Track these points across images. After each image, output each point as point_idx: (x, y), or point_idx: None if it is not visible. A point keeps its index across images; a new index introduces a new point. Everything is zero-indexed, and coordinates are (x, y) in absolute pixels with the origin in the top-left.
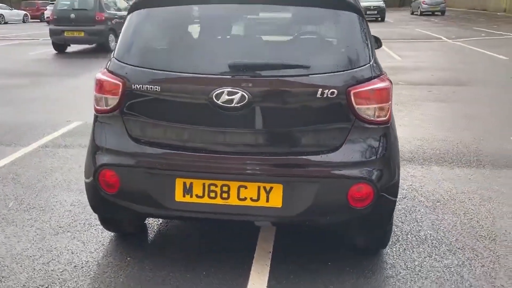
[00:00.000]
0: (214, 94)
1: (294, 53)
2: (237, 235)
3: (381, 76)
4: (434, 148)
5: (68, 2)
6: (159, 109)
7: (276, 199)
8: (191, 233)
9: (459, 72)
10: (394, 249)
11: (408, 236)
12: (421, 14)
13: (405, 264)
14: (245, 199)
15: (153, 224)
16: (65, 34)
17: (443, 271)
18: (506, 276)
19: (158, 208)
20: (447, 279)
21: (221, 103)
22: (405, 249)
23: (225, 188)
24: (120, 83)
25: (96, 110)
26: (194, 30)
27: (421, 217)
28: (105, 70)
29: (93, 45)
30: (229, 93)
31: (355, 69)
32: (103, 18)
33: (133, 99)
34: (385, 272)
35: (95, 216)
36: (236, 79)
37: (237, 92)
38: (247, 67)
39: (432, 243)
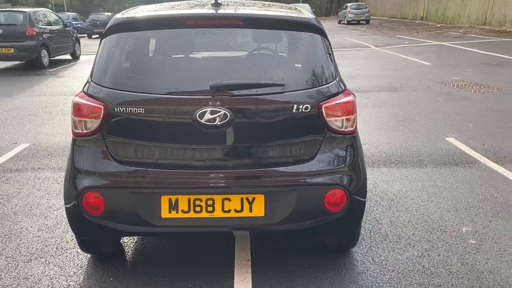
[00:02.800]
0: (197, 114)
1: (268, 72)
2: (214, 246)
3: (346, 91)
4: (380, 151)
5: None
6: (142, 130)
7: (258, 209)
8: (167, 247)
9: (391, 78)
10: (361, 247)
11: (371, 234)
12: (348, 23)
13: (373, 260)
14: (229, 211)
15: (128, 242)
16: None
17: (407, 262)
18: (459, 262)
19: (145, 226)
20: (411, 270)
21: (204, 122)
22: (370, 246)
23: (209, 202)
24: (102, 106)
25: (75, 134)
26: (169, 51)
27: (380, 215)
28: (83, 93)
29: (23, 62)
30: (212, 112)
31: (324, 86)
32: (34, 33)
33: (114, 121)
34: (357, 269)
35: (66, 239)
36: (218, 98)
37: (220, 111)
38: (227, 86)
39: (393, 238)
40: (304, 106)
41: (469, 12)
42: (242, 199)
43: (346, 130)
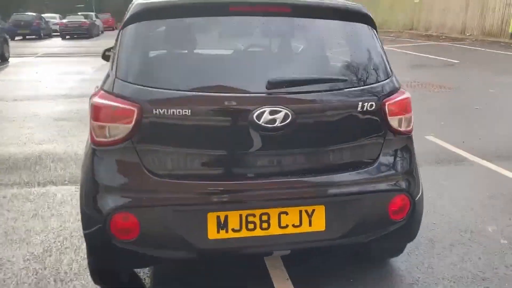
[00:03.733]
0: (255, 114)
1: (326, 66)
2: (244, 267)
3: (401, 88)
4: None
5: None
6: (186, 136)
7: (319, 222)
8: (190, 271)
9: None
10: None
11: None
12: None
13: (417, 268)
14: (286, 226)
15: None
16: None
17: (452, 269)
18: (502, 264)
19: (189, 250)
20: (460, 276)
21: (262, 124)
22: (408, 253)
23: (264, 217)
24: (135, 108)
25: (97, 143)
26: (211, 42)
27: None
28: (105, 93)
29: None
30: (272, 112)
31: (384, 81)
32: None
33: (150, 126)
34: (406, 279)
35: (63, 269)
36: (277, 96)
37: (280, 111)
38: (287, 82)
39: (426, 243)
40: (369, 103)
41: (396, 18)
42: (300, 211)
43: (404, 129)
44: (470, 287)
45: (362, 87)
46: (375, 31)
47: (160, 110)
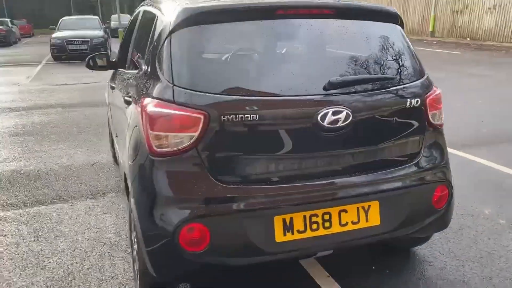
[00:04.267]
0: (319, 116)
1: (374, 66)
2: (279, 269)
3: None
4: None
5: None
6: (253, 140)
7: (374, 217)
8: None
9: None
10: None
11: None
12: None
13: (440, 253)
14: (346, 224)
15: None
16: None
17: (472, 250)
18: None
19: (257, 255)
20: (481, 257)
21: (326, 125)
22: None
23: (326, 217)
24: (201, 116)
25: (158, 153)
26: (263, 45)
27: None
28: (162, 101)
29: None
30: (334, 113)
31: (423, 78)
32: None
33: (218, 133)
34: (435, 264)
35: None
36: (338, 96)
37: (342, 111)
38: (347, 82)
39: None
40: (415, 100)
41: None
42: (358, 208)
43: (439, 123)
44: (493, 265)
45: (408, 84)
46: (403, 31)
47: (228, 116)
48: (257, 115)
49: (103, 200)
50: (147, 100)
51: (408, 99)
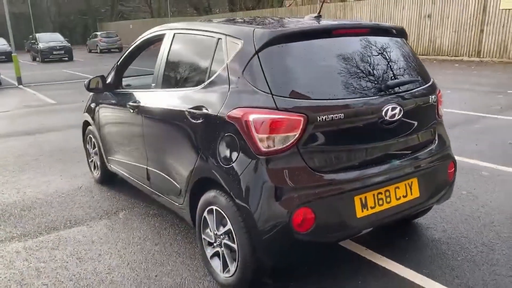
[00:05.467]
0: (383, 111)
1: (404, 71)
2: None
3: None
4: None
5: None
6: (339, 135)
7: (415, 190)
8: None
9: None
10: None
11: None
12: (101, 52)
13: (435, 220)
14: (399, 198)
15: None
16: None
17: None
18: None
19: (346, 230)
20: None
21: (389, 118)
22: None
23: (387, 193)
24: (301, 118)
25: (265, 153)
26: (328, 58)
27: None
28: (265, 109)
29: None
30: (393, 109)
31: (432, 79)
32: None
33: (313, 132)
34: (443, 225)
35: None
36: (394, 96)
37: (396, 107)
38: (397, 84)
39: None
40: (433, 96)
41: None
42: (405, 185)
43: (441, 114)
44: (474, 223)
45: (427, 85)
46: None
47: (322, 117)
48: (343, 114)
49: (119, 218)
50: (245, 110)
51: (430, 96)
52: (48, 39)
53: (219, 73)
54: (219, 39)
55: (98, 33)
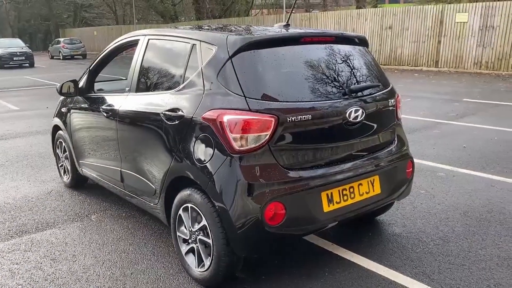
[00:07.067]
0: (347, 113)
1: (367, 77)
2: (292, 245)
3: None
4: None
5: None
6: (306, 135)
7: (376, 187)
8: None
9: None
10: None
11: None
12: (64, 58)
13: (395, 217)
14: (362, 194)
15: None
16: None
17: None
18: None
19: (314, 223)
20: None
21: (352, 120)
22: None
23: (351, 190)
24: (273, 119)
25: (238, 151)
26: (296, 64)
27: None
28: (239, 110)
29: None
30: (355, 111)
31: (390, 85)
32: None
33: (283, 132)
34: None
35: None
36: (357, 99)
37: (359, 109)
38: (360, 89)
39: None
40: (392, 100)
41: None
42: (368, 182)
43: (400, 117)
44: (430, 219)
45: (387, 89)
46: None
47: (291, 118)
48: (310, 116)
49: (92, 220)
50: (219, 111)
51: (390, 100)
52: (8, 44)
53: (194, 77)
54: (193, 44)
55: (61, 39)
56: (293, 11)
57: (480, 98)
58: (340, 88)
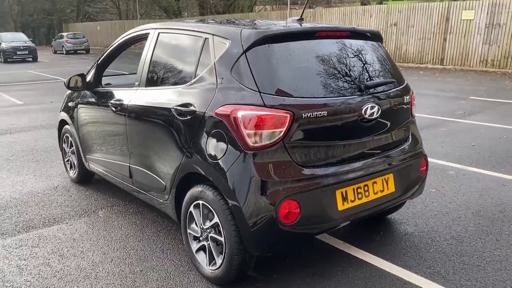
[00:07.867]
0: (363, 110)
1: (382, 72)
2: (307, 248)
3: None
4: None
5: None
6: (321, 132)
7: (391, 186)
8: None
9: None
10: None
11: None
12: (67, 53)
13: (407, 216)
14: (377, 192)
15: None
16: None
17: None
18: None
19: (329, 222)
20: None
21: (368, 116)
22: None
23: (366, 188)
24: (288, 115)
25: (252, 148)
26: (310, 59)
27: None
28: (253, 106)
29: None
30: (371, 107)
31: (405, 82)
32: None
33: (298, 128)
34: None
35: None
36: (372, 95)
37: (375, 106)
38: (375, 85)
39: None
40: (407, 96)
41: None
42: (382, 180)
43: (414, 114)
44: (442, 218)
45: (402, 86)
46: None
47: (307, 114)
48: (326, 112)
49: (99, 216)
50: (233, 106)
51: (405, 97)
52: (11, 38)
53: (206, 72)
54: (206, 38)
55: (64, 33)
56: (296, 8)
57: (487, 96)
58: (355, 84)
